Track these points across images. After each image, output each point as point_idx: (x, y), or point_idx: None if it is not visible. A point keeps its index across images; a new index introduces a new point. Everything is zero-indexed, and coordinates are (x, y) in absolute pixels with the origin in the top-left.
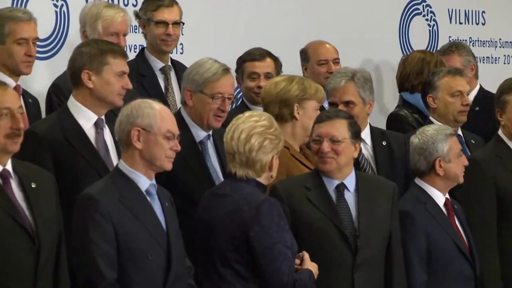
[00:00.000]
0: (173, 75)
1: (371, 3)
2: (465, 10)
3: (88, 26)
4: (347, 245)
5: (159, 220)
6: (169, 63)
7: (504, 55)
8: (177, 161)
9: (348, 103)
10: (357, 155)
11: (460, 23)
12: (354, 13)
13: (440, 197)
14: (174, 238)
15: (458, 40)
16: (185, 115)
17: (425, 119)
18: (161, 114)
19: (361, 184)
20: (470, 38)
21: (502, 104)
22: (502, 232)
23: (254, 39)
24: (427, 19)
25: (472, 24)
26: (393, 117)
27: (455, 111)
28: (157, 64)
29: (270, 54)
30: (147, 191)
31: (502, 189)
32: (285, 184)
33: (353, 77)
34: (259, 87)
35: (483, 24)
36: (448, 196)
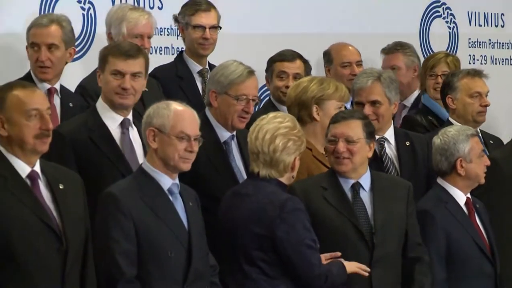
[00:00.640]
0: None
1: (392, 6)
2: (484, 13)
3: (113, 28)
4: (364, 242)
5: (181, 219)
6: (207, 66)
7: None
8: (202, 161)
9: (374, 103)
10: (371, 155)
11: (480, 25)
12: (375, 16)
13: (461, 197)
14: (195, 236)
15: (477, 42)
16: (210, 116)
17: (440, 121)
18: (176, 115)
19: (376, 183)
20: (489, 40)
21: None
22: None
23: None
24: (447, 21)
25: (491, 26)
26: (406, 119)
27: (474, 112)
28: (195, 67)
29: (301, 56)
30: (170, 190)
31: None
32: (302, 184)
33: (379, 77)
34: (287, 87)
35: (502, 27)
36: (469, 195)
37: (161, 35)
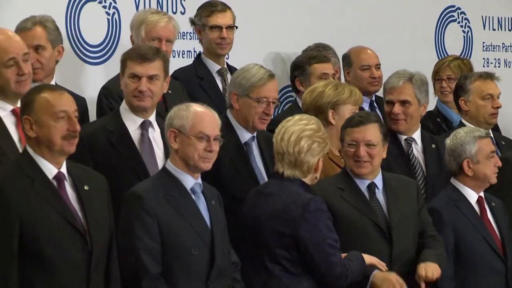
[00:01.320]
0: (229, 77)
1: (409, 11)
2: (498, 17)
3: (134, 31)
4: (385, 239)
5: (203, 217)
6: (225, 65)
7: None
8: (224, 161)
9: (404, 102)
10: (385, 156)
11: (493, 30)
12: (392, 20)
13: (473, 196)
14: (218, 234)
15: (491, 46)
16: (231, 118)
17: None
18: (195, 116)
19: (387, 182)
20: (503, 43)
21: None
22: None
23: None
24: (461, 26)
25: (505, 30)
26: None
27: (486, 114)
28: (214, 67)
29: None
30: (192, 189)
31: None
32: (319, 186)
33: (411, 78)
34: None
35: None
36: (482, 194)
37: (183, 39)
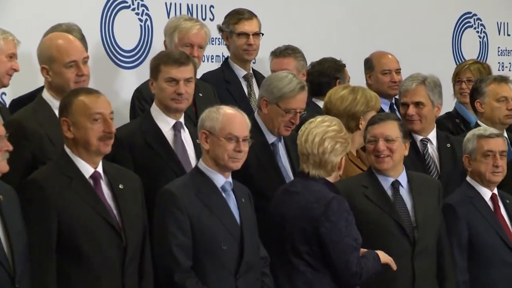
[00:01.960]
0: (254, 82)
1: (427, 18)
2: None
3: (167, 37)
4: (406, 237)
5: (233, 214)
6: (251, 71)
7: None
8: (252, 161)
9: (418, 104)
10: (407, 153)
11: (508, 35)
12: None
13: (486, 193)
14: (247, 230)
15: (506, 50)
16: (259, 120)
17: (467, 124)
18: (225, 118)
19: (411, 181)
20: None
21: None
22: None
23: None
24: (477, 31)
25: None
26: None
27: (501, 115)
28: (240, 72)
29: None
30: (223, 187)
31: None
32: (344, 184)
33: (424, 81)
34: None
35: None
36: (496, 191)
37: (212, 44)
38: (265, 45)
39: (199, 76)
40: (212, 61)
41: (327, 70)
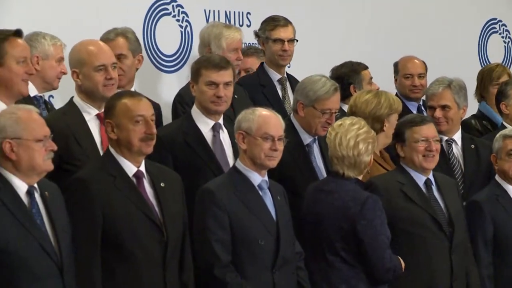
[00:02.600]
0: (288, 85)
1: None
2: None
3: (213, 44)
4: (443, 233)
5: (270, 211)
6: (285, 75)
7: None
8: (287, 161)
9: (444, 107)
10: None
11: None
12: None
13: None
14: (283, 226)
15: None
16: (295, 122)
17: (494, 126)
18: (261, 119)
19: (437, 180)
20: None
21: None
22: None
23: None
24: (502, 37)
25: None
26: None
27: None
28: (275, 76)
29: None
30: (259, 186)
31: None
32: (381, 180)
33: (449, 84)
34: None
35: None
36: None
37: None
38: (299, 50)
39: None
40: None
41: (341, 75)
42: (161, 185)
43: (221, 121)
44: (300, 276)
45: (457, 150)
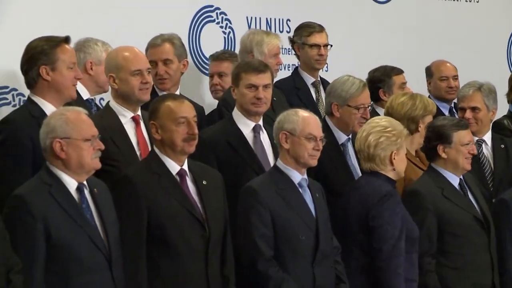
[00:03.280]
0: (322, 88)
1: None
2: None
3: (256, 50)
4: (484, 230)
5: (309, 208)
6: (319, 78)
7: None
8: (324, 160)
9: (474, 109)
10: None
11: None
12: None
13: None
14: (322, 222)
15: None
16: (330, 122)
17: None
18: (304, 120)
19: (466, 179)
20: None
21: None
22: None
23: (382, 58)
24: None
25: None
26: (494, 124)
27: None
28: (309, 79)
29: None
30: (299, 184)
31: None
32: (424, 187)
33: (480, 87)
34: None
35: None
36: None
37: (289, 54)
38: (333, 55)
39: None
40: (288, 69)
41: (373, 79)
42: (203, 183)
43: (261, 122)
44: (338, 269)
45: (487, 150)
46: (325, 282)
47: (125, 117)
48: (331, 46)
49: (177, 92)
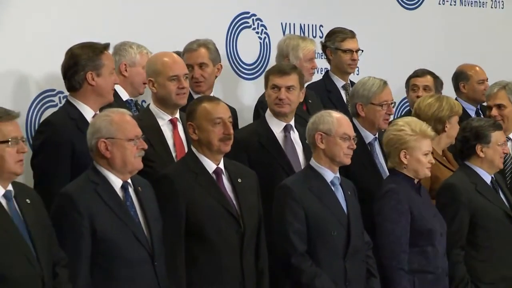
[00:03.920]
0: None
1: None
2: None
3: (291, 55)
4: None
5: (341, 205)
6: (348, 81)
7: None
8: (352, 159)
9: (499, 106)
10: None
11: None
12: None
13: None
14: (353, 218)
15: None
16: (356, 123)
17: None
18: (338, 121)
19: (496, 177)
20: None
21: None
22: None
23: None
24: None
25: None
26: None
27: None
28: (339, 83)
29: (431, 73)
30: (332, 182)
31: None
32: (458, 182)
33: (505, 86)
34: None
35: None
36: None
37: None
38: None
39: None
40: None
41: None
42: (238, 180)
43: (292, 122)
44: (369, 263)
45: (510, 147)
46: (356, 276)
47: (163, 119)
48: (362, 51)
49: (212, 95)
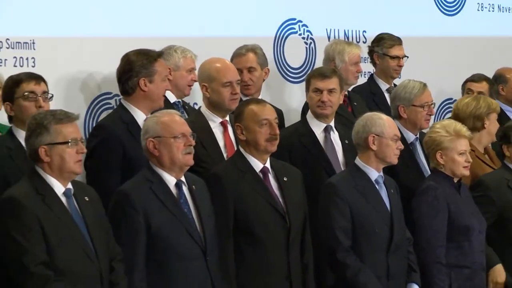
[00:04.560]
0: None
1: None
2: None
3: (337, 59)
4: None
5: (385, 202)
6: (392, 85)
7: None
8: None
9: None
10: None
11: None
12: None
13: None
14: (396, 215)
15: None
16: (398, 124)
17: None
18: (389, 123)
19: None
20: None
21: None
22: None
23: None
24: None
25: None
26: None
27: None
28: (383, 86)
29: (487, 79)
30: (376, 180)
31: None
32: (490, 178)
33: None
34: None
35: None
36: None
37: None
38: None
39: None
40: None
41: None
42: (284, 179)
43: (332, 123)
44: (410, 259)
45: None
46: (398, 271)
47: (214, 122)
48: (407, 57)
49: (260, 97)
